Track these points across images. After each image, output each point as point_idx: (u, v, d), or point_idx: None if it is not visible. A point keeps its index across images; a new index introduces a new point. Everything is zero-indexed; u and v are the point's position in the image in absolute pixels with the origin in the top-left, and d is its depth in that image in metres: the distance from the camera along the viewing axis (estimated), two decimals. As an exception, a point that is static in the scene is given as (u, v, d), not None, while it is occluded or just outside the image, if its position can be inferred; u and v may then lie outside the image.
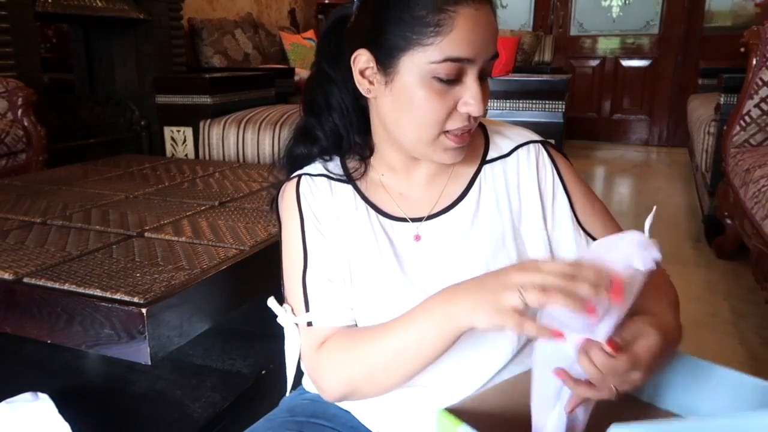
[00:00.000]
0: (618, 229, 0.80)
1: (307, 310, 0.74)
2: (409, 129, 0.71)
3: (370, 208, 0.77)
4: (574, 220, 0.77)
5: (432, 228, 0.76)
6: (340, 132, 0.78)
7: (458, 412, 0.59)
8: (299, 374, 0.83)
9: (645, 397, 0.73)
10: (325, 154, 0.80)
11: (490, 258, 0.74)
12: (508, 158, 0.79)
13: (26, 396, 1.14)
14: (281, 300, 0.79)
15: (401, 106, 0.70)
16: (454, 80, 0.67)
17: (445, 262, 0.75)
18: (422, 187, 0.79)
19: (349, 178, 0.78)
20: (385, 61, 0.68)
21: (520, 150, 0.79)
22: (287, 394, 0.83)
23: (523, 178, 0.78)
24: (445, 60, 0.65)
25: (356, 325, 0.75)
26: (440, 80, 0.66)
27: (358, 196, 0.78)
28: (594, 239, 0.77)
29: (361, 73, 0.71)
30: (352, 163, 0.79)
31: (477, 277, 0.63)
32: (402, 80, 0.68)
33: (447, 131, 0.70)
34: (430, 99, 0.67)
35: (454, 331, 0.63)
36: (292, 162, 0.82)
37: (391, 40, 0.67)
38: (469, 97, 0.67)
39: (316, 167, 0.80)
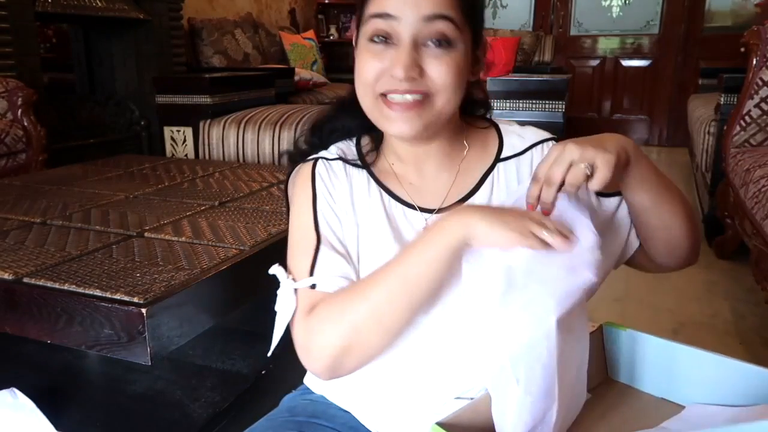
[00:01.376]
0: None
1: (311, 275, 0.72)
2: (357, 92, 0.75)
3: (384, 193, 0.78)
4: None
5: None
6: None
7: (451, 427, 0.58)
8: (302, 371, 0.83)
9: (648, 390, 0.74)
10: (363, 131, 0.82)
11: None
12: (522, 156, 0.81)
13: (3, 394, 1.12)
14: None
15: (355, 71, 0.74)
16: (386, 41, 0.70)
17: None
18: (431, 179, 0.79)
19: (364, 163, 0.80)
20: (357, 32, 0.75)
21: (534, 149, 0.81)
22: (269, 354, 0.80)
23: None
24: (371, 17, 0.70)
25: None
26: (374, 41, 0.70)
27: (372, 181, 0.79)
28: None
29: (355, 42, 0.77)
30: (366, 149, 0.81)
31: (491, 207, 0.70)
32: (357, 46, 0.74)
33: (383, 94, 0.71)
34: (366, 59, 0.71)
35: (455, 244, 0.63)
36: (328, 134, 0.84)
37: (359, 11, 0.73)
38: (395, 58, 0.69)
39: (331, 152, 0.81)
